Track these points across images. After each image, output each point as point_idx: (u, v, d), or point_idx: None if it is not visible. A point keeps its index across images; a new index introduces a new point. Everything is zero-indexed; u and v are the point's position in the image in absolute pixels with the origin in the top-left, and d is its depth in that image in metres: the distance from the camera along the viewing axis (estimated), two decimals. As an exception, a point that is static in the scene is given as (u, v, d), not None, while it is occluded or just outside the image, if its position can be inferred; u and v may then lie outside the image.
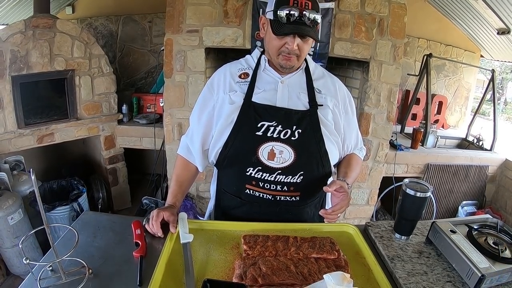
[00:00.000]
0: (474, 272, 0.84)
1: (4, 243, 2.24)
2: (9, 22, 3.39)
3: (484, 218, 1.09)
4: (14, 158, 2.58)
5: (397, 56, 2.63)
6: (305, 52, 1.09)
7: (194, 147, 1.22)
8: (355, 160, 1.25)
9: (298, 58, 1.09)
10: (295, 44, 1.03)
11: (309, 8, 1.00)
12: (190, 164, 1.26)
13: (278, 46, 1.07)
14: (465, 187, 3.31)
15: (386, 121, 2.83)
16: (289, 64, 1.09)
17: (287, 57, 1.08)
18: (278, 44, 1.06)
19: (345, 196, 1.04)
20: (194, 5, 2.48)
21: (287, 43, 1.04)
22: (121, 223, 1.10)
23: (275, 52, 1.09)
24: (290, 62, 1.09)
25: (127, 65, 3.97)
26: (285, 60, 1.08)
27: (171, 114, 2.79)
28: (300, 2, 1.00)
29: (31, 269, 0.85)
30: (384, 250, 1.00)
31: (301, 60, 1.12)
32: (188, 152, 1.25)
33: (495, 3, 3.02)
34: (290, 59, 1.08)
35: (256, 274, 0.83)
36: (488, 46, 3.98)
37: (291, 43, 1.03)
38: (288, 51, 1.06)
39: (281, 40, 1.05)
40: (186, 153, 1.26)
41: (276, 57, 1.10)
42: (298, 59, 1.09)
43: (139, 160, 3.91)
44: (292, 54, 1.07)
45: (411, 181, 1.04)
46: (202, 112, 1.20)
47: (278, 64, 1.12)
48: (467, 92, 4.41)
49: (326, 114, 1.12)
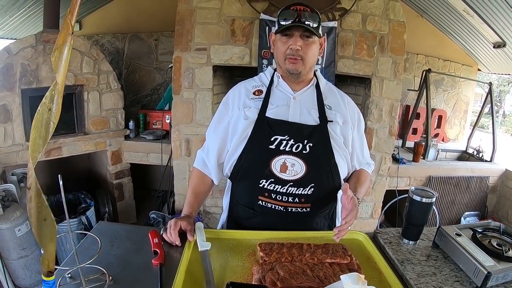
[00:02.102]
0: (480, 270, 0.89)
1: (11, 255, 2.26)
2: (18, 37, 3.50)
3: (487, 222, 1.15)
4: (21, 171, 2.61)
5: (398, 72, 2.73)
6: (309, 56, 1.15)
7: (210, 161, 1.26)
8: (364, 176, 1.30)
9: (303, 62, 1.14)
10: (298, 44, 1.11)
11: (308, 11, 1.11)
12: (206, 177, 1.30)
13: (283, 50, 1.14)
14: (467, 198, 3.35)
15: (388, 135, 2.90)
16: (295, 68, 1.15)
17: (292, 60, 1.14)
18: (284, 48, 1.14)
19: (354, 207, 1.06)
20: (202, 24, 2.60)
21: (291, 44, 1.12)
22: (137, 233, 1.14)
23: (282, 57, 1.16)
24: (296, 65, 1.14)
25: (133, 82, 4.06)
26: (291, 63, 1.14)
27: (179, 130, 2.86)
28: (298, 8, 1.11)
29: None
30: (393, 255, 1.05)
31: (306, 66, 1.16)
32: (204, 165, 1.29)
33: (490, 18, 3.14)
34: (296, 62, 1.14)
35: (274, 278, 0.87)
36: (484, 59, 4.09)
37: (294, 43, 1.11)
38: (293, 53, 1.13)
39: (286, 43, 1.13)
40: (202, 166, 1.30)
41: (283, 62, 1.16)
42: (303, 63, 1.15)
43: (144, 176, 3.95)
44: (297, 56, 1.13)
45: (416, 188, 1.10)
46: (218, 128, 1.26)
47: (286, 71, 1.18)
48: (466, 106, 4.50)
49: (336, 129, 1.18)
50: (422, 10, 3.82)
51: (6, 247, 2.23)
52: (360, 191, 1.22)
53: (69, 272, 0.89)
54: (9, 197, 2.33)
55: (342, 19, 2.58)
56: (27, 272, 2.31)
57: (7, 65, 2.52)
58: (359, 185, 1.23)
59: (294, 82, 1.21)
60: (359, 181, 1.26)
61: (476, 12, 3.13)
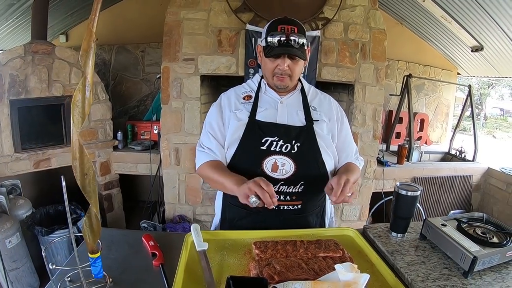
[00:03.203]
0: (467, 255, 0.95)
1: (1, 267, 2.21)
2: (5, 48, 3.47)
3: (471, 213, 1.21)
4: (10, 182, 2.58)
5: (380, 78, 2.84)
6: (296, 73, 1.22)
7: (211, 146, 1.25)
8: (352, 166, 1.31)
9: (291, 78, 1.21)
10: (286, 65, 1.17)
11: (295, 32, 1.14)
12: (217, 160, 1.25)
13: (271, 68, 1.20)
14: (452, 197, 3.47)
15: (372, 139, 2.99)
16: (283, 84, 1.22)
17: (280, 78, 1.21)
18: (272, 67, 1.20)
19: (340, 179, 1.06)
20: (190, 35, 2.65)
21: (279, 64, 1.18)
22: (133, 237, 1.15)
23: (269, 74, 1.22)
24: (284, 82, 1.21)
25: (120, 93, 4.05)
26: (279, 81, 1.21)
27: (168, 139, 2.88)
28: (286, 28, 1.14)
29: (52, 276, 0.88)
30: (383, 247, 1.10)
31: (294, 80, 1.24)
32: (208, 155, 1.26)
33: (467, 23, 3.30)
34: (283, 80, 1.21)
35: (271, 272, 0.90)
36: (463, 63, 4.28)
37: (282, 64, 1.17)
38: (281, 72, 1.19)
39: (274, 62, 1.19)
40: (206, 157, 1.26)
41: (271, 79, 1.23)
42: (290, 79, 1.22)
43: (133, 188, 3.93)
44: (285, 75, 1.19)
45: (402, 184, 1.16)
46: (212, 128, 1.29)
47: (274, 85, 1.25)
48: (447, 109, 4.67)
49: (322, 128, 1.25)
50: (401, 17, 3.99)
51: (-4, 259, 2.19)
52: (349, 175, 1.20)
53: (69, 276, 0.89)
54: (-2, 208, 2.30)
55: (325, 28, 2.68)
56: (18, 285, 2.25)
57: (-4, 76, 2.51)
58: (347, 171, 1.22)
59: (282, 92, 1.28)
60: (347, 169, 1.26)
61: (454, 18, 3.31)
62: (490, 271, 0.99)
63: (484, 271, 0.98)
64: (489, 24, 3.07)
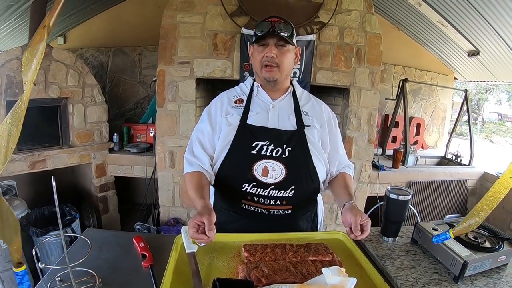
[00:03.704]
0: (457, 260, 0.95)
1: None
2: (3, 49, 3.47)
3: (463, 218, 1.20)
4: (6, 183, 2.58)
5: (375, 82, 2.85)
6: (285, 64, 1.22)
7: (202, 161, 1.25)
8: (349, 179, 1.32)
9: (279, 69, 1.21)
10: (273, 52, 1.17)
11: (282, 23, 1.18)
12: (202, 173, 1.23)
13: (259, 58, 1.21)
14: (447, 202, 3.47)
15: (367, 143, 3.00)
16: (272, 75, 1.21)
17: (268, 69, 1.20)
18: (260, 57, 1.21)
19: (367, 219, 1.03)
20: (185, 38, 2.66)
21: (267, 52, 1.18)
22: (125, 238, 1.16)
23: (258, 65, 1.23)
24: (272, 73, 1.21)
25: (117, 96, 4.05)
26: (268, 72, 1.21)
27: (163, 142, 2.88)
28: (273, 20, 1.18)
29: (43, 275, 0.89)
30: (373, 251, 1.10)
31: (282, 73, 1.23)
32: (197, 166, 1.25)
33: (463, 27, 3.32)
34: (272, 70, 1.20)
35: (259, 275, 0.89)
36: (460, 68, 4.30)
37: (269, 51, 1.18)
38: (268, 60, 1.19)
39: (261, 52, 1.19)
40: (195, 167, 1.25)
41: (260, 71, 1.23)
42: (279, 70, 1.21)
43: (128, 190, 3.92)
44: (272, 63, 1.19)
45: (393, 188, 1.17)
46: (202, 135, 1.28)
47: (263, 79, 1.24)
48: (444, 113, 4.69)
49: (313, 134, 1.24)
50: (398, 22, 4.01)
51: (-10, 259, 2.18)
52: (353, 195, 1.23)
53: (59, 275, 0.90)
54: (-7, 209, 2.28)
55: (320, 32, 2.69)
56: (12, 286, 2.24)
57: (-7, 77, 2.51)
58: (350, 190, 1.23)
59: (272, 90, 1.28)
60: (348, 186, 1.26)
61: (450, 22, 3.32)
62: (482, 276, 0.99)
63: (476, 276, 0.98)
64: (485, 28, 3.08)
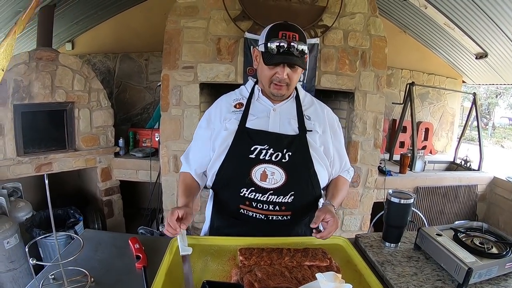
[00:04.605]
0: (461, 267, 0.90)
1: None
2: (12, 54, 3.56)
3: (470, 223, 1.16)
4: (12, 185, 2.62)
5: (380, 86, 2.80)
6: (294, 81, 1.19)
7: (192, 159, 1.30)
8: (341, 182, 1.31)
9: (288, 87, 1.18)
10: (285, 74, 1.13)
11: (297, 40, 1.10)
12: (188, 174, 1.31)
13: (269, 75, 1.16)
14: (456, 208, 3.38)
15: (373, 148, 2.94)
16: (280, 92, 1.18)
17: (278, 86, 1.17)
18: (269, 74, 1.16)
19: (333, 221, 1.06)
20: (189, 43, 2.67)
21: (278, 73, 1.14)
22: (121, 239, 1.16)
23: (267, 81, 1.18)
24: (281, 91, 1.18)
25: (124, 101, 4.09)
26: (276, 89, 1.18)
27: (167, 146, 2.88)
28: (288, 34, 1.09)
29: (35, 274, 0.90)
30: (374, 257, 1.06)
31: (291, 89, 1.21)
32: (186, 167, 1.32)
33: (470, 29, 3.26)
34: (281, 88, 1.17)
35: (252, 279, 0.87)
36: (468, 71, 4.22)
37: (281, 72, 1.13)
38: (279, 80, 1.15)
39: (272, 70, 1.14)
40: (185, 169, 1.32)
41: (268, 86, 1.19)
42: (288, 88, 1.18)
43: (133, 195, 3.92)
44: (283, 83, 1.16)
45: (394, 191, 1.13)
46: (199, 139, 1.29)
47: (270, 93, 1.21)
48: (452, 118, 4.60)
49: (315, 139, 1.20)
50: (404, 25, 3.97)
51: (-6, 259, 2.21)
52: (337, 197, 1.23)
53: (53, 273, 0.91)
54: (-2, 209, 2.35)
55: (324, 36, 2.67)
56: (15, 286, 2.27)
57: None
58: (336, 192, 1.24)
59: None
60: (337, 188, 1.27)
61: (457, 24, 3.27)
62: (488, 283, 0.94)
63: (481, 284, 0.94)
64: (492, 30, 3.03)
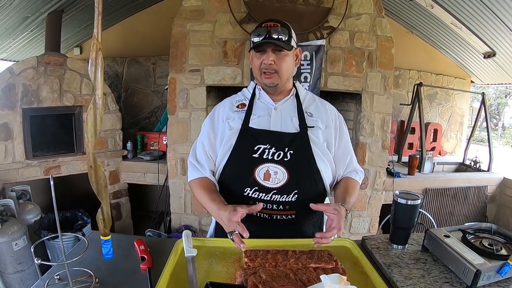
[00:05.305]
0: (469, 269, 0.88)
1: (7, 269, 2.27)
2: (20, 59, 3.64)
3: (479, 224, 1.14)
4: (21, 188, 2.67)
5: (388, 86, 2.79)
6: (284, 69, 1.20)
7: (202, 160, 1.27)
8: (352, 185, 1.28)
9: (278, 74, 1.19)
10: (270, 59, 1.16)
11: (278, 27, 1.15)
12: (208, 178, 1.26)
13: (258, 65, 1.20)
14: (466, 209, 3.32)
15: (381, 149, 2.92)
16: (272, 82, 1.20)
17: (267, 75, 1.19)
18: (258, 63, 1.19)
19: (338, 219, 1.03)
20: (196, 46, 2.69)
21: (264, 59, 1.17)
22: (127, 241, 1.16)
23: (257, 72, 1.22)
24: (271, 79, 1.19)
25: (132, 105, 4.14)
26: (267, 78, 1.20)
27: (174, 149, 2.90)
28: (269, 24, 1.16)
29: (40, 275, 0.90)
30: (381, 259, 1.04)
31: (282, 78, 1.21)
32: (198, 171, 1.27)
33: (477, 28, 3.22)
34: (271, 76, 1.19)
35: (256, 281, 0.86)
36: (476, 71, 4.16)
37: (266, 58, 1.16)
38: (266, 67, 1.18)
39: (259, 58, 1.18)
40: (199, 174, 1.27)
41: (260, 77, 1.22)
42: (278, 76, 1.19)
43: (142, 198, 3.95)
44: (271, 70, 1.18)
45: (401, 192, 1.11)
46: (205, 140, 1.29)
47: (263, 85, 1.24)
48: (461, 118, 4.53)
49: (318, 135, 1.21)
50: (411, 26, 3.94)
51: (2, 261, 2.25)
52: (349, 200, 1.19)
53: (58, 274, 0.92)
54: (7, 212, 2.38)
55: (330, 37, 2.67)
56: (23, 287, 2.29)
57: (9, 85, 2.63)
58: (347, 195, 1.21)
59: (274, 93, 1.26)
60: (348, 191, 1.24)
61: (464, 23, 3.23)
62: (497, 286, 0.92)
63: (491, 286, 0.91)
64: (500, 29, 2.98)
